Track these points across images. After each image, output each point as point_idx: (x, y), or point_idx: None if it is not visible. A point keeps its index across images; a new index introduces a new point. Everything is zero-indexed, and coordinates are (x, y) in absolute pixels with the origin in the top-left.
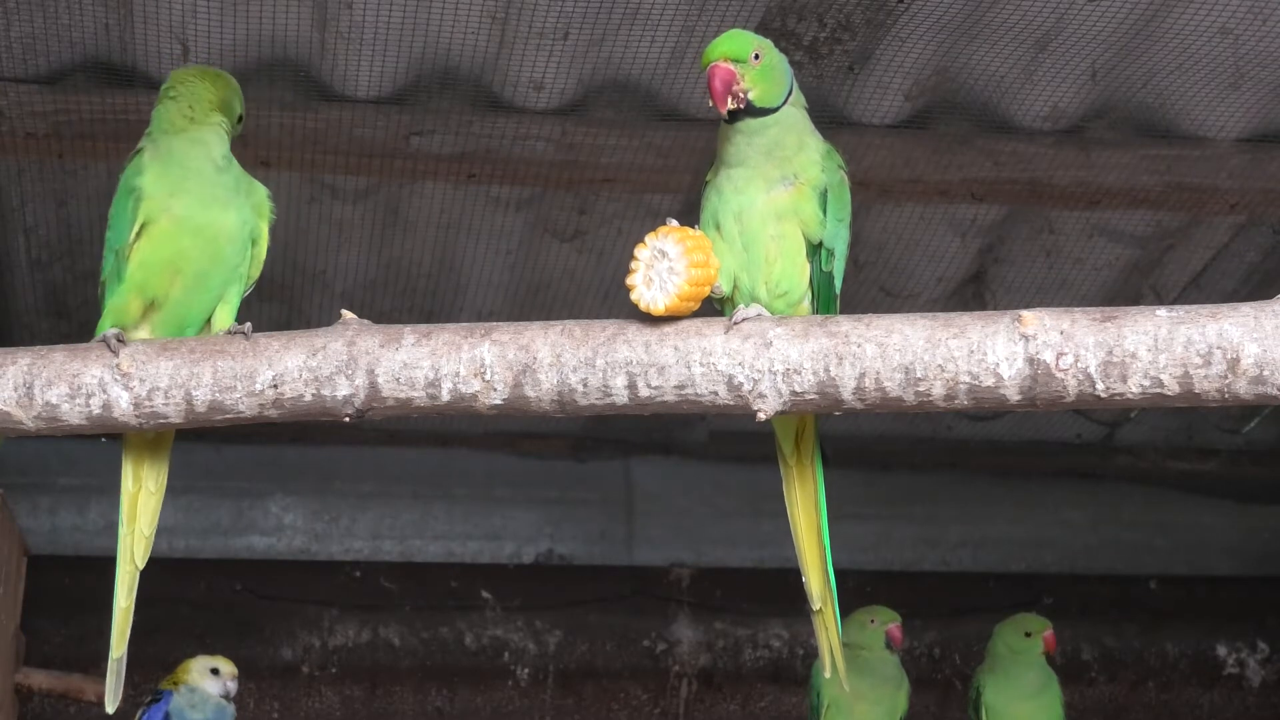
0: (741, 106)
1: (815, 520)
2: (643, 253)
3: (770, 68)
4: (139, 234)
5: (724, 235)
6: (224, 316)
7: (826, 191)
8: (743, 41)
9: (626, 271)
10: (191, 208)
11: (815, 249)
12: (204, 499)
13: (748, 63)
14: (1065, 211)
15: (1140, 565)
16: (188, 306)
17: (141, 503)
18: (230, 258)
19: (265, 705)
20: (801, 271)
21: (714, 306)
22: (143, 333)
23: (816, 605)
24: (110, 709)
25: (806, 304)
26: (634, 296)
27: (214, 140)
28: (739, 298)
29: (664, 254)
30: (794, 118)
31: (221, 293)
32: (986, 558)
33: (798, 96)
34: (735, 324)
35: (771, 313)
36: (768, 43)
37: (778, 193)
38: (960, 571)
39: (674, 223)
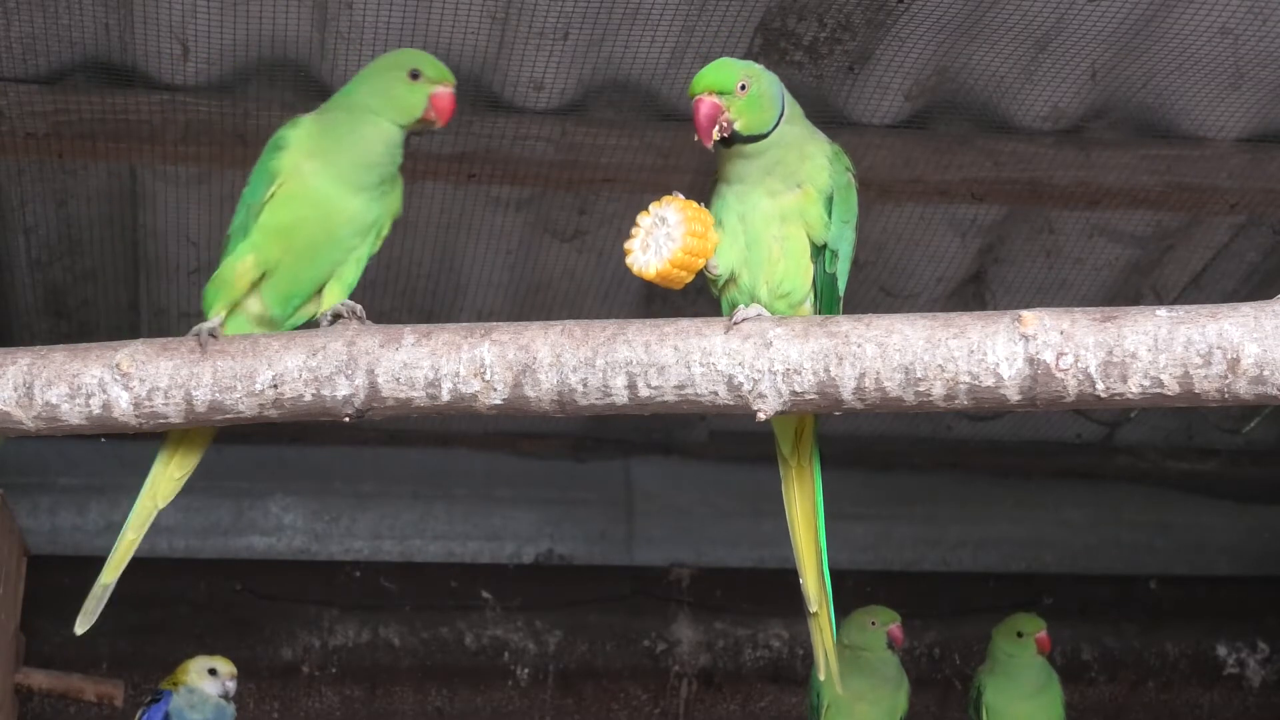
0: (727, 136)
1: (813, 521)
2: (644, 220)
3: (758, 96)
4: (272, 193)
5: (728, 231)
6: (336, 292)
7: (833, 195)
8: (728, 73)
9: (628, 258)
10: (321, 178)
11: (819, 250)
12: (204, 499)
13: (733, 94)
14: (1065, 211)
15: (1140, 565)
16: (296, 276)
17: (182, 452)
18: (346, 240)
19: (265, 705)
20: (805, 272)
21: (711, 295)
22: (252, 301)
23: (813, 607)
24: (79, 630)
25: (808, 305)
26: (628, 260)
27: (374, 133)
28: (739, 296)
29: (664, 220)
30: (791, 135)
31: (332, 270)
32: (986, 558)
33: (792, 110)
34: (735, 324)
35: (772, 313)
36: (756, 69)
37: (783, 197)
38: (960, 571)
39: (679, 195)
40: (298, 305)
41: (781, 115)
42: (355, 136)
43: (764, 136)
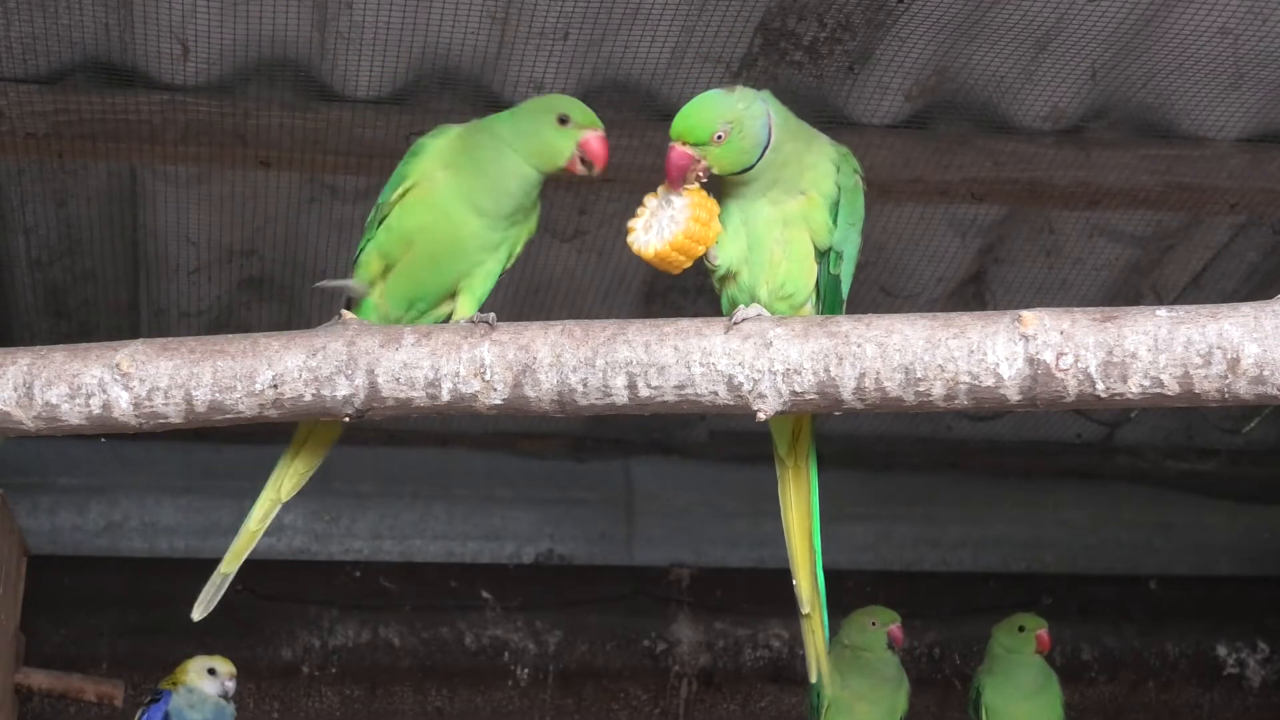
0: (704, 181)
1: (808, 522)
2: (651, 201)
3: (737, 142)
4: (402, 195)
5: (731, 230)
6: (467, 305)
7: (839, 199)
8: (704, 123)
9: (628, 259)
10: (451, 192)
11: (824, 252)
12: (204, 499)
13: (709, 145)
14: (1065, 211)
15: (1140, 565)
16: (417, 281)
17: (309, 447)
18: (471, 253)
19: (265, 705)
20: (808, 274)
21: (713, 289)
22: (375, 293)
23: (806, 609)
24: (196, 616)
25: (810, 307)
26: (630, 238)
27: (513, 169)
28: (739, 294)
29: (670, 203)
30: (784, 154)
31: (456, 280)
32: (986, 558)
33: (781, 134)
34: (735, 324)
35: (772, 313)
36: (739, 111)
37: (786, 204)
38: (960, 571)
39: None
40: (422, 310)
41: (767, 146)
42: (494, 167)
43: (747, 170)
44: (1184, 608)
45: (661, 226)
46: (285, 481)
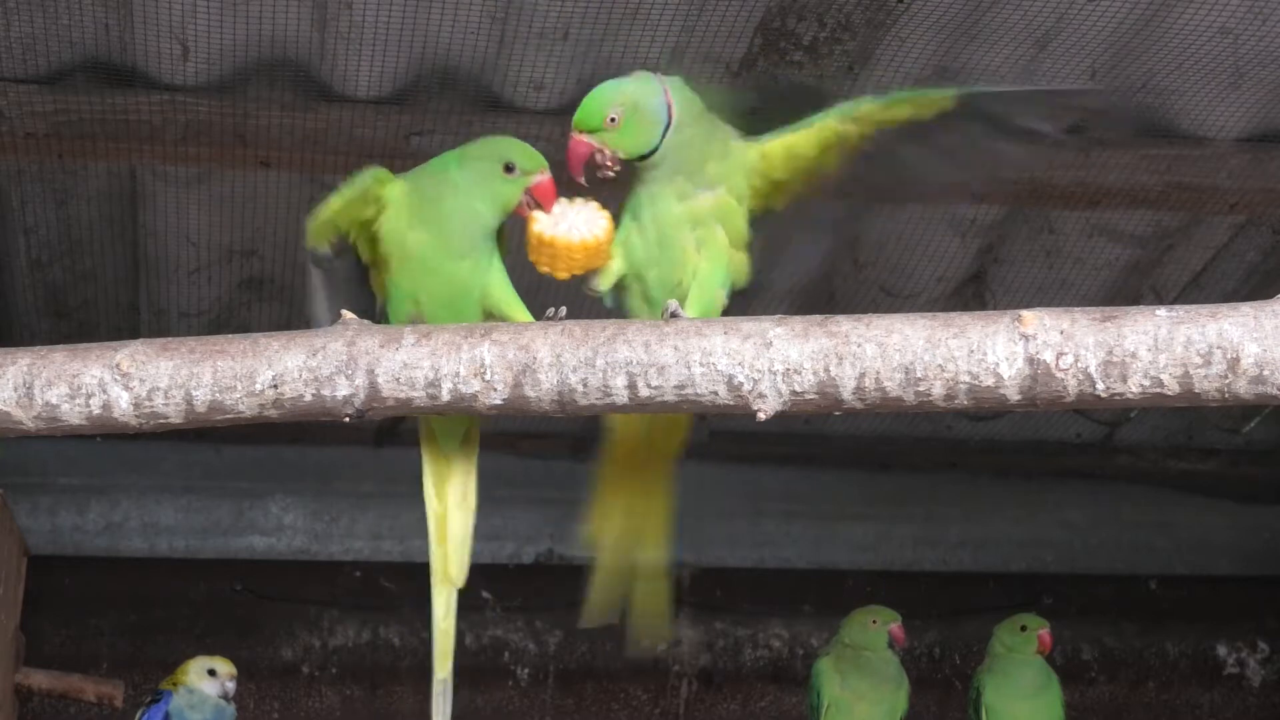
0: (617, 169)
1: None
2: (569, 205)
3: (633, 121)
4: (384, 265)
5: (641, 229)
6: (516, 313)
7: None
8: (595, 109)
9: (535, 225)
10: (427, 250)
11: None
12: (204, 499)
13: (604, 130)
14: (1065, 211)
15: (1140, 565)
16: (441, 317)
17: (451, 519)
18: (475, 283)
19: (265, 705)
20: (725, 267)
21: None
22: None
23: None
24: None
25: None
26: (536, 226)
27: (473, 215)
28: (657, 295)
29: (593, 214)
30: (685, 135)
31: (478, 305)
32: (986, 558)
33: (685, 113)
34: (668, 318)
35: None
36: (629, 91)
37: (693, 200)
38: (960, 571)
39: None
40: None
41: (669, 125)
42: (458, 218)
43: (654, 153)
44: (1184, 608)
45: (573, 224)
46: (450, 565)
